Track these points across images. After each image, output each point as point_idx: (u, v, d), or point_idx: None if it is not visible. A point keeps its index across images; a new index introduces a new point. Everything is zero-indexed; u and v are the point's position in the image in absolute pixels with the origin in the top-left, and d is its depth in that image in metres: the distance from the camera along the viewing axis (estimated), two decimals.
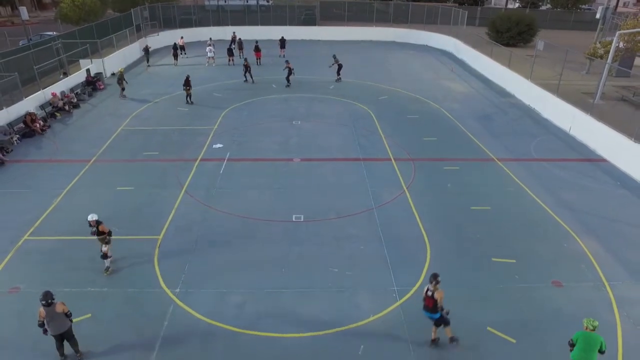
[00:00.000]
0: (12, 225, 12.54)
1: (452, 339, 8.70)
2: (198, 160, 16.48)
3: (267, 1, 49.09)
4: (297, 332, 9.09)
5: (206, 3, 47.12)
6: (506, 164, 16.59)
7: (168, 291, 10.16)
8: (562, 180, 15.58)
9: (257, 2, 47.49)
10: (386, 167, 16.21)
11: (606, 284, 10.61)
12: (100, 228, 10.43)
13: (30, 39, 32.53)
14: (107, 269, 10.65)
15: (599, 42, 26.18)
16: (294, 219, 12.91)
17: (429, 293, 8.30)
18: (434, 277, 8.24)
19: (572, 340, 7.69)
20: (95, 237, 10.57)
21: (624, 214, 13.60)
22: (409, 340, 8.93)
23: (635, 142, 16.02)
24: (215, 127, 19.68)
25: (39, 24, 48.75)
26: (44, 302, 7.84)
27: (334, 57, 27.04)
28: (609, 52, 23.29)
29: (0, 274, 10.67)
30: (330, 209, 13.45)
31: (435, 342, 8.77)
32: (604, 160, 17.25)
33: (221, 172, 15.69)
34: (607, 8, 25.52)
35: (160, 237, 12.08)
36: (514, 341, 8.99)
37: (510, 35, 37.70)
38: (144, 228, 12.45)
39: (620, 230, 12.77)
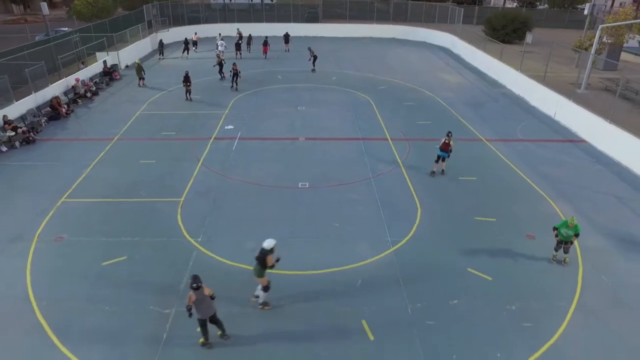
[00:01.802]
0: (49, 190, 14.11)
1: (443, 171, 15.17)
2: (212, 139, 18.07)
3: (271, 0, 50.75)
4: (305, 269, 10.65)
5: (212, 2, 48.75)
6: (493, 144, 18.15)
7: (191, 240, 11.73)
8: (543, 157, 17.12)
9: (262, 1, 49.17)
10: (383, 146, 17.77)
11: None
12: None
13: (48, 34, 34.29)
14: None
15: (586, 36, 27.71)
16: (299, 186, 14.49)
17: (446, 141, 14.62)
18: (450, 133, 14.83)
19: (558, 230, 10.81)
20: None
21: (596, 184, 15.15)
22: (399, 277, 10.48)
23: (611, 123, 17.58)
24: (226, 111, 21.28)
25: (51, 21, 50.35)
26: (194, 286, 7.83)
27: (309, 49, 28.87)
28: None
29: (45, 227, 12.23)
30: (332, 178, 15.02)
31: (444, 172, 15.21)
32: (583, 141, 18.80)
33: (233, 148, 17.28)
34: (594, 5, 27.06)
35: (182, 199, 13.66)
36: (490, 279, 10.53)
37: (505, 32, 39.17)
38: (167, 192, 14.03)
39: (591, 196, 14.31)
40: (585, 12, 28.17)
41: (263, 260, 9.00)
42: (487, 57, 29.84)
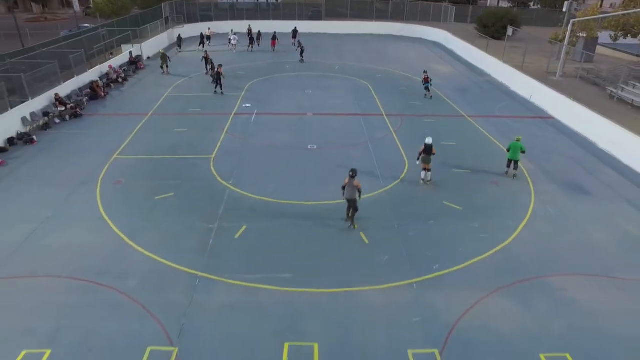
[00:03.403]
0: (101, 150, 17.08)
1: (432, 97, 23.53)
2: (233, 114, 21.08)
3: (276, 0, 53.80)
4: (317, 201, 13.63)
5: (219, 2, 51.79)
6: (473, 119, 21.12)
7: (224, 182, 14.72)
8: (515, 129, 20.05)
9: (267, 1, 52.23)
10: (379, 120, 20.78)
11: (530, 182, 15.14)
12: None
13: (71, 30, 37.50)
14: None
15: (563, 31, 30.65)
16: (309, 147, 17.50)
17: (425, 76, 23.48)
18: (426, 71, 24.01)
19: (507, 148, 15.19)
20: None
21: (557, 149, 18.13)
22: (389, 207, 13.45)
23: (574, 101, 20.54)
24: (243, 93, 24.33)
25: (69, 20, 53.65)
26: (351, 174, 11.72)
27: (299, 41, 32.02)
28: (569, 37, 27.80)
29: (105, 175, 15.21)
30: (336, 142, 18.03)
31: (432, 97, 23.77)
32: (552, 117, 21.78)
33: (252, 121, 20.31)
34: (571, 3, 30.05)
35: (213, 156, 16.66)
36: (460, 208, 13.49)
37: (495, 29, 42.07)
38: (200, 151, 17.03)
39: (551, 157, 17.27)
40: (564, 9, 31.16)
41: (430, 150, 14.32)
42: (476, 51, 32.86)
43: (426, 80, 23.62)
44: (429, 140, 14.43)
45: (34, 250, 11.31)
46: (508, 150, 15.21)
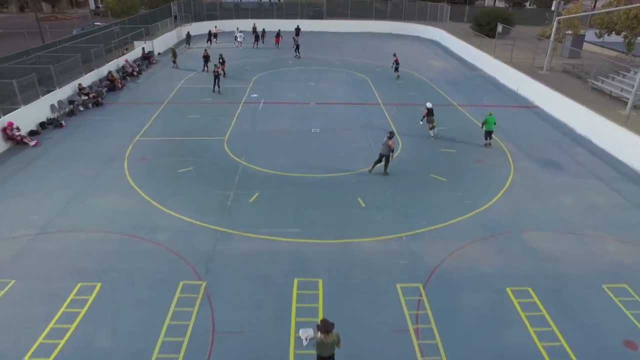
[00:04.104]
0: (124, 134, 18.85)
1: (399, 76, 28.10)
2: (242, 103, 22.89)
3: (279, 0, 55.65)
4: (318, 173, 15.42)
5: (224, 1, 53.61)
6: (463, 108, 22.92)
7: (237, 159, 16.51)
8: (501, 116, 21.76)
9: (270, 0, 54.06)
10: (377, 108, 22.58)
11: (510, 160, 16.92)
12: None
13: (83, 28, 39.40)
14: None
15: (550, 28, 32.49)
16: (312, 131, 19.29)
17: (395, 58, 28.13)
18: (395, 53, 27.72)
19: (482, 122, 17.76)
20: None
21: (538, 133, 19.90)
22: (385, 178, 15.23)
23: (555, 91, 22.33)
24: (251, 85, 26.15)
25: (79, 19, 55.53)
26: (388, 135, 14.82)
27: (294, 38, 34.03)
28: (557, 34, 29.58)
29: (130, 153, 17.00)
30: (337, 127, 19.83)
31: (399, 77, 28.13)
32: (536, 106, 23.57)
33: (260, 109, 22.11)
34: (560, 2, 31.86)
35: (226, 137, 18.45)
36: (445, 180, 15.28)
37: (490, 28, 43.83)
38: (214, 134, 18.82)
39: (531, 140, 19.06)
40: (553, 8, 32.98)
41: (432, 112, 18.25)
42: (470, 48, 34.67)
43: (396, 62, 27.80)
44: (429, 105, 18.33)
45: (74, 212, 13.09)
46: (483, 124, 17.70)
